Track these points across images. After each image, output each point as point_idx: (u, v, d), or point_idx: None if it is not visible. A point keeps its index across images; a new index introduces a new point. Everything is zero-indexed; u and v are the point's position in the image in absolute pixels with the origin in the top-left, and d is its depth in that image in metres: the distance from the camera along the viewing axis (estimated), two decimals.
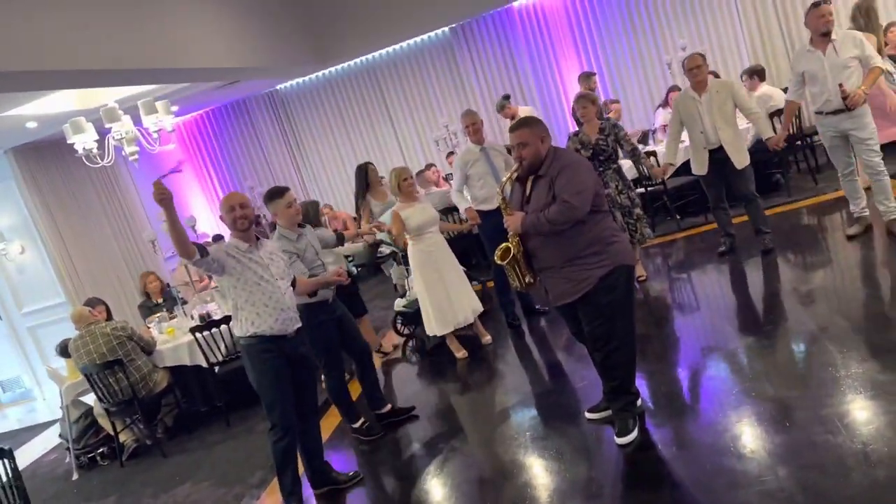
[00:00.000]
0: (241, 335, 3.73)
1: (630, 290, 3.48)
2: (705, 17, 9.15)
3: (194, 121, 11.14)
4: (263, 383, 3.73)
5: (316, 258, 4.45)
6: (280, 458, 3.77)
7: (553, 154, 3.39)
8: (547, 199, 3.32)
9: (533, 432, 4.01)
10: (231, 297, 3.69)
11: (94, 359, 5.36)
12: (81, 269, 8.32)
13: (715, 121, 5.40)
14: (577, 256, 3.34)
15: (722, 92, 5.42)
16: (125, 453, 5.59)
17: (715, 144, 5.46)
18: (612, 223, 3.50)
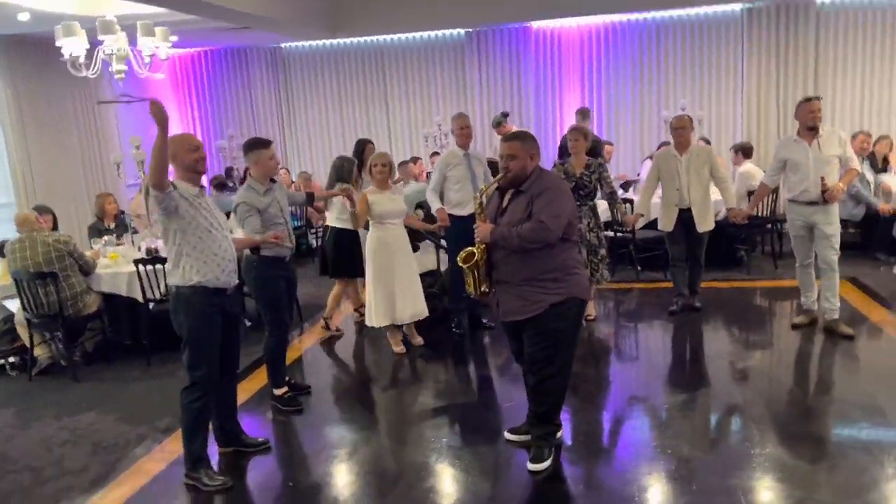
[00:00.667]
0: (180, 283, 3.48)
1: (578, 323, 3.51)
2: (710, 84, 9.34)
3: (190, 57, 10.92)
4: (196, 338, 3.51)
5: (279, 215, 4.38)
6: (194, 418, 3.56)
7: (538, 174, 3.40)
8: (522, 216, 3.32)
9: (449, 440, 4.01)
10: (176, 243, 3.45)
11: (28, 266, 5.20)
12: (38, 175, 8.07)
13: (690, 181, 5.63)
14: (536, 278, 3.35)
15: (702, 156, 5.67)
16: (36, 367, 5.42)
17: (686, 204, 5.68)
18: (577, 255, 3.53)
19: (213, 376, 3.60)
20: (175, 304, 3.53)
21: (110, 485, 3.68)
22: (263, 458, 3.95)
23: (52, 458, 4.03)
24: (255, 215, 4.22)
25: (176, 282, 3.50)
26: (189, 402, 3.54)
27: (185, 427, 3.59)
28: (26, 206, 7.29)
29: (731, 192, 5.74)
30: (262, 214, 4.27)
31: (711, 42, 9.24)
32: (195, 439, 3.59)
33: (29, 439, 4.32)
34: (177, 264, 3.49)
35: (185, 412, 3.56)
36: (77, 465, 3.93)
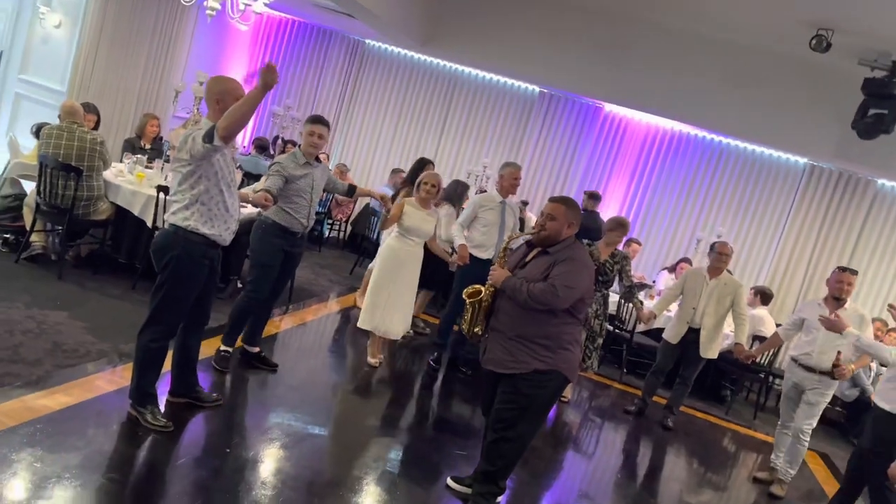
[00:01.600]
0: (180, 225, 3.39)
1: (553, 397, 3.47)
2: (752, 222, 9.39)
3: (279, 21, 11.12)
4: (177, 283, 3.43)
5: (307, 191, 4.43)
6: (150, 358, 3.49)
7: (571, 243, 3.42)
8: (538, 276, 3.33)
9: (391, 464, 3.96)
10: (194, 188, 3.36)
11: (58, 154, 5.23)
12: (98, 75, 8.17)
13: (709, 306, 5.70)
14: (529, 339, 3.33)
15: (729, 286, 5.75)
16: (27, 252, 5.42)
17: (696, 325, 5.76)
18: (578, 335, 3.51)
19: (176, 326, 3.56)
20: (168, 241, 3.43)
21: (56, 387, 3.65)
22: (211, 418, 3.91)
23: (10, 342, 4.00)
24: (280, 178, 4.28)
25: (178, 223, 3.40)
26: (149, 340, 3.46)
27: (139, 363, 3.51)
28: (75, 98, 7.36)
29: (745, 329, 5.77)
30: (291, 183, 4.32)
31: (766, 182, 9.31)
32: (146, 376, 3.53)
33: None
34: (188, 207, 3.39)
35: (142, 350, 3.48)
36: (31, 356, 3.90)
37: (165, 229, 3.48)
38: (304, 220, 4.48)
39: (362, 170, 10.91)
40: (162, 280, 3.46)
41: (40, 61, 8.29)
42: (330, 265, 8.61)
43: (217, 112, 3.35)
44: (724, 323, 5.83)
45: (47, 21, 8.12)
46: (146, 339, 3.47)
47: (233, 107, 3.17)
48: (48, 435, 3.21)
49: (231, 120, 3.15)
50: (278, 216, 4.37)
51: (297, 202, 4.40)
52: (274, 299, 4.74)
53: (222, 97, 3.35)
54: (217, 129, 3.19)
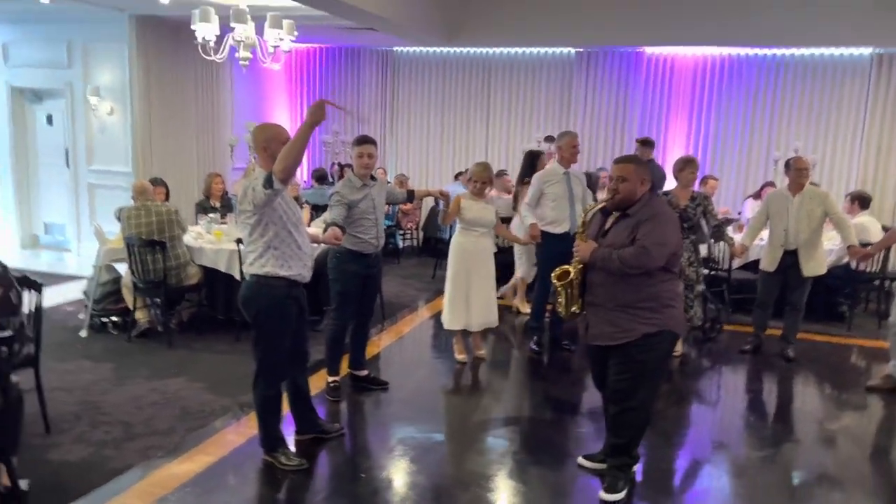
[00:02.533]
0: (263, 273, 3.46)
1: (667, 357, 3.44)
2: (828, 128, 8.94)
3: (307, 52, 11.33)
4: (271, 328, 3.53)
5: (371, 211, 4.50)
6: (268, 404, 3.62)
7: (647, 199, 3.35)
8: (624, 241, 3.28)
9: (515, 454, 3.99)
10: (264, 235, 3.43)
11: (141, 232, 5.51)
12: (157, 148, 8.55)
13: (800, 223, 5.48)
14: (631, 305, 3.29)
15: (815, 199, 5.50)
16: (136, 330, 5.73)
17: (792, 246, 5.53)
18: (677, 288, 3.45)
19: (283, 370, 3.67)
20: (252, 292, 3.52)
21: (192, 450, 3.85)
22: (337, 448, 4.05)
23: (141, 416, 4.25)
24: (343, 206, 4.37)
25: (258, 271, 3.48)
26: (263, 390, 3.59)
27: (260, 413, 3.66)
28: (142, 175, 7.72)
29: (850, 230, 5.48)
30: (353, 208, 4.41)
31: (834, 84, 8.85)
32: (270, 423, 3.67)
33: (122, 395, 4.58)
34: (262, 255, 3.46)
35: (260, 400, 3.61)
36: (164, 425, 4.13)
37: (248, 281, 3.58)
38: (375, 241, 4.55)
39: (420, 174, 10.99)
40: (257, 331, 3.57)
41: (103, 149, 8.74)
42: (412, 274, 8.73)
43: (267, 158, 3.42)
44: (820, 238, 5.56)
45: (100, 111, 8.56)
46: (260, 389, 3.60)
47: (285, 148, 3.24)
48: (197, 495, 3.40)
49: (286, 161, 3.22)
50: (349, 242, 4.45)
51: (363, 224, 4.48)
52: (366, 322, 4.85)
53: (268, 143, 3.43)
54: (275, 173, 3.25)
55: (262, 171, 3.40)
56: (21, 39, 8.82)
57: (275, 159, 3.30)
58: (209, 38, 6.20)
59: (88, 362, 5.16)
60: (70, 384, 4.72)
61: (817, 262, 5.55)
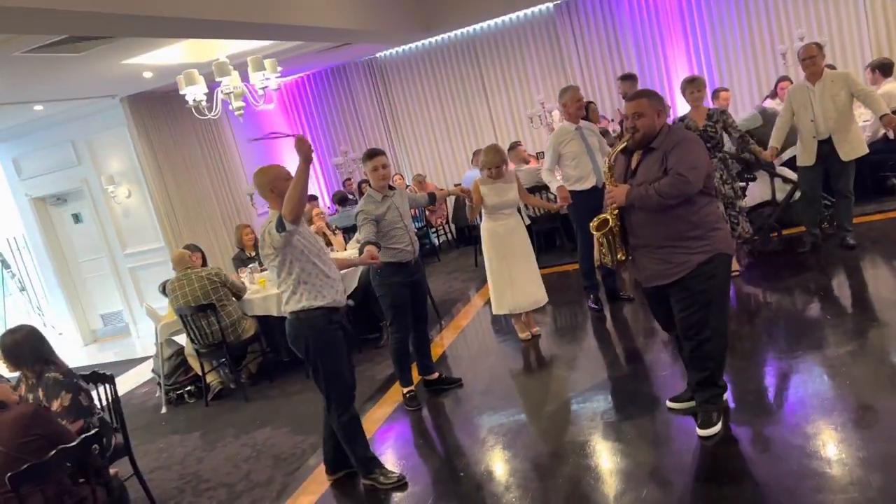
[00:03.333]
0: (300, 308, 3.53)
1: (727, 279, 3.38)
2: (827, 6, 8.66)
3: (295, 83, 11.42)
4: (328, 357, 3.58)
5: (398, 220, 4.52)
6: (350, 431, 3.66)
7: (668, 129, 3.30)
8: (657, 174, 3.22)
9: (605, 415, 3.97)
10: (293, 272, 3.49)
11: (189, 301, 5.64)
12: (181, 216, 8.73)
13: (826, 110, 5.32)
14: (679, 238, 3.24)
15: (837, 82, 5.33)
16: (210, 394, 5.87)
17: (824, 135, 5.39)
18: (718, 209, 3.40)
19: (350, 390, 3.71)
20: (297, 329, 3.59)
21: (295, 493, 3.94)
22: (431, 453, 4.09)
23: (240, 474, 4.36)
24: (371, 223, 4.40)
25: (295, 307, 3.55)
26: (339, 417, 3.64)
27: (345, 440, 3.70)
28: (175, 246, 7.89)
29: (878, 101, 5.29)
30: (381, 221, 4.43)
31: None
32: (357, 446, 3.72)
33: (216, 458, 4.70)
34: (295, 291, 3.52)
35: (341, 429, 3.67)
36: (263, 477, 4.23)
37: (289, 320, 3.64)
38: (411, 248, 4.58)
39: (436, 169, 11.01)
40: (313, 365, 3.63)
41: (132, 232, 8.97)
42: (455, 268, 8.74)
43: (275, 198, 3.49)
44: (852, 119, 5.38)
45: (118, 196, 8.77)
46: (336, 417, 3.66)
47: (289, 190, 3.30)
48: None
49: (292, 202, 3.27)
50: (387, 255, 4.48)
51: (396, 235, 4.50)
52: (423, 327, 4.87)
53: (273, 184, 3.50)
54: (284, 216, 3.32)
55: (274, 212, 3.47)
56: (30, 151, 9.08)
57: (283, 197, 3.36)
58: (199, 99, 6.29)
59: (177, 436, 5.30)
60: (166, 461, 4.86)
61: (853, 144, 5.38)
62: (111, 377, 4.05)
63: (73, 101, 7.80)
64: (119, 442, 3.94)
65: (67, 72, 6.36)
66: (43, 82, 6.56)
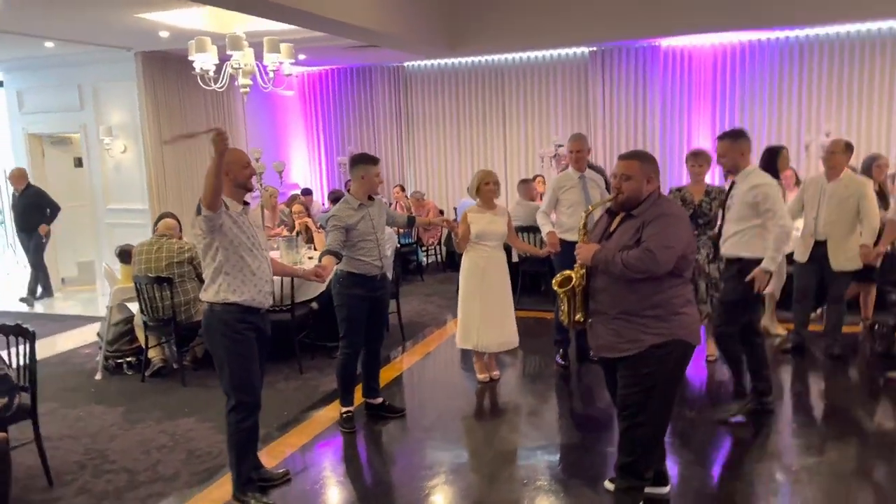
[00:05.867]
0: (214, 301, 3.38)
1: (679, 369, 3.10)
2: (861, 107, 8.49)
3: (318, 74, 11.27)
4: (234, 356, 3.39)
5: (370, 232, 4.30)
6: (244, 439, 3.46)
7: (655, 198, 3.07)
8: (629, 242, 2.99)
9: (544, 481, 3.72)
10: (216, 259, 3.35)
11: (150, 269, 5.41)
12: (171, 182, 8.54)
13: (830, 212, 5.13)
14: (636, 313, 3.00)
15: (851, 186, 5.11)
16: (149, 369, 5.62)
17: (821, 236, 5.19)
18: (689, 293, 3.13)
19: (256, 393, 3.50)
20: (209, 321, 3.44)
21: (196, 496, 3.68)
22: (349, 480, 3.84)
23: (148, 462, 4.10)
24: (340, 231, 4.19)
25: (210, 298, 3.40)
26: (237, 422, 3.43)
27: (235, 448, 3.48)
28: (157, 211, 7.69)
29: (871, 228, 5.05)
30: (352, 230, 4.23)
31: (863, 61, 8.40)
32: (245, 460, 3.50)
33: (130, 440, 4.43)
34: (213, 280, 3.39)
35: (235, 433, 3.45)
36: (169, 471, 3.97)
37: (204, 309, 3.48)
38: (378, 262, 4.35)
39: (438, 190, 10.82)
40: (220, 360, 3.44)
41: (119, 188, 8.77)
42: (435, 291, 8.51)
43: (228, 183, 3.37)
44: (852, 228, 5.13)
45: (113, 150, 8.58)
46: (234, 421, 3.44)
47: (205, 179, 3.19)
48: None
49: (204, 190, 3.20)
50: (351, 266, 4.28)
51: (364, 247, 4.28)
52: (377, 347, 4.63)
53: (229, 168, 3.35)
54: (201, 201, 3.24)
55: None
56: (35, 87, 8.92)
57: (235, 184, 3.37)
58: (207, 68, 6.12)
59: (100, 407, 5.04)
60: (79, 431, 4.60)
61: (847, 255, 5.12)
62: (32, 334, 3.80)
63: (85, 46, 7.63)
64: (25, 404, 3.69)
65: (82, 14, 6.20)
66: (56, 19, 6.39)
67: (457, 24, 8.52)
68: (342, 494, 3.73)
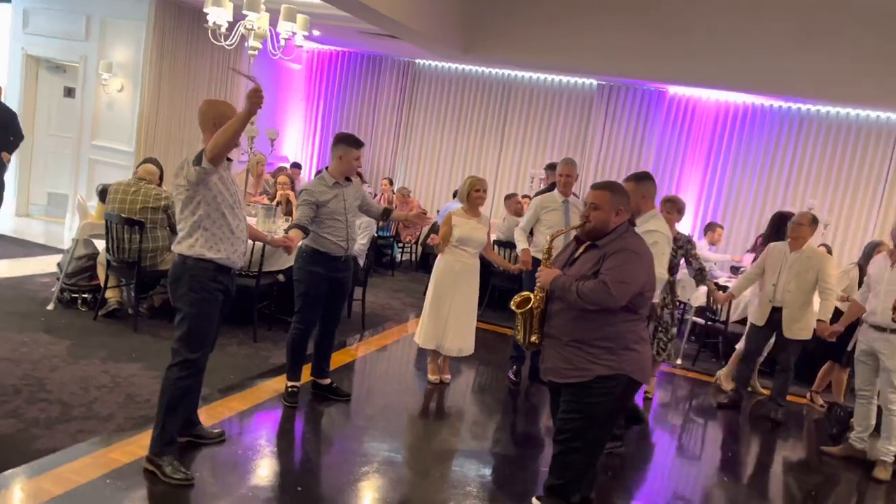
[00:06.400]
0: (189, 254, 3.28)
1: (621, 403, 3.13)
2: (847, 192, 8.70)
3: (329, 54, 11.26)
4: (197, 314, 3.30)
5: (340, 212, 4.26)
6: (179, 397, 3.32)
7: (621, 232, 3.08)
8: (588, 272, 3.01)
9: (474, 488, 3.74)
10: (196, 213, 3.25)
11: (123, 209, 5.35)
12: (161, 130, 8.46)
13: (789, 281, 5.27)
14: (587, 343, 3.02)
15: (813, 259, 5.26)
16: (104, 309, 5.55)
17: (778, 303, 5.33)
18: (643, 331, 3.14)
19: (206, 357, 3.41)
20: (179, 273, 3.32)
21: (127, 439, 3.64)
22: (281, 453, 3.83)
23: (84, 398, 4.04)
24: (310, 206, 4.17)
25: (184, 251, 3.30)
26: (178, 378, 3.31)
27: (167, 404, 3.31)
28: (142, 155, 7.61)
29: (829, 304, 5.20)
30: (322, 207, 4.20)
31: (857, 146, 8.62)
32: (172, 418, 3.34)
33: (70, 374, 4.37)
34: (190, 234, 3.29)
35: (171, 388, 3.31)
36: (105, 411, 3.92)
37: (175, 261, 3.36)
38: (343, 244, 4.32)
39: (427, 189, 10.85)
40: (182, 314, 3.34)
41: (108, 126, 8.65)
42: (404, 288, 8.52)
43: (212, 135, 3.23)
44: (810, 301, 5.29)
45: (110, 87, 8.48)
46: (174, 376, 3.32)
47: (220, 130, 3.09)
48: (116, 489, 3.18)
49: (217, 142, 3.07)
50: (316, 242, 4.26)
51: (332, 226, 4.25)
52: (332, 328, 4.61)
53: (219, 120, 3.21)
54: (205, 153, 3.10)
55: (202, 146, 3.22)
56: (42, 8, 8.79)
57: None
58: (220, 24, 6.08)
59: (47, 336, 4.97)
60: (21, 357, 4.52)
61: (801, 325, 5.28)
62: None
63: None
64: None
65: None
66: None
67: (475, 29, 8.60)
68: (270, 466, 3.71)
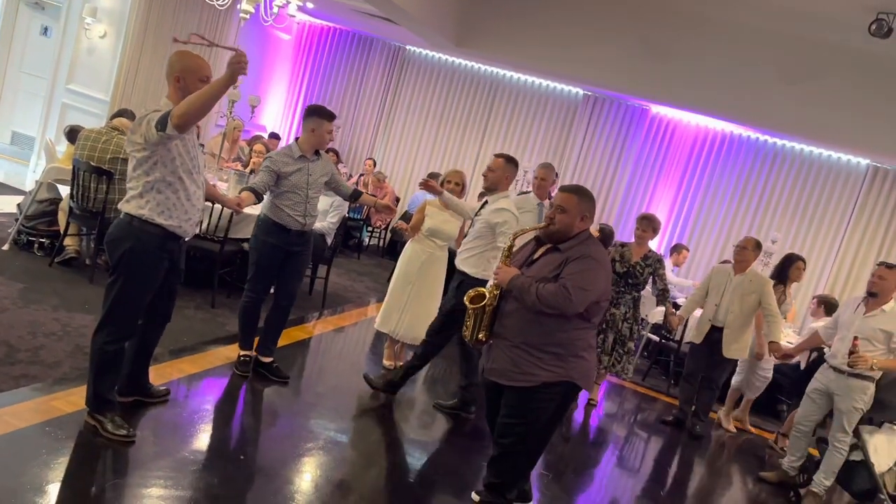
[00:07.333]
0: (134, 214, 3.08)
1: (564, 408, 3.16)
2: (811, 227, 8.93)
3: (320, 28, 11.15)
4: (134, 281, 3.13)
5: (302, 186, 4.15)
6: (107, 361, 3.18)
7: (584, 238, 3.10)
8: (548, 275, 3.02)
9: (414, 476, 3.77)
10: (150, 175, 3.04)
11: (93, 157, 5.24)
12: (139, 84, 8.28)
13: (731, 303, 5.39)
14: (537, 347, 3.03)
15: (755, 283, 5.39)
16: (61, 256, 5.44)
17: (719, 323, 5.45)
18: (592, 339, 3.17)
19: (134, 325, 3.27)
20: (122, 233, 3.11)
21: (70, 389, 3.57)
22: (226, 420, 3.80)
23: (32, 343, 3.96)
24: (270, 174, 4.08)
25: (132, 211, 3.09)
26: (105, 342, 3.17)
27: (95, 368, 3.20)
28: (117, 106, 7.44)
29: (778, 326, 5.31)
30: (283, 179, 4.12)
31: (825, 186, 8.84)
32: (103, 381, 3.21)
33: (20, 317, 4.28)
34: (142, 195, 3.07)
35: (97, 353, 3.17)
36: (52, 358, 3.85)
37: (119, 219, 3.15)
38: (301, 218, 4.20)
39: (403, 176, 10.82)
40: (116, 275, 3.14)
41: (85, 71, 8.43)
42: (368, 272, 8.50)
43: (177, 91, 3.07)
44: (749, 323, 5.43)
45: (92, 32, 8.26)
46: (101, 340, 3.17)
47: (193, 95, 2.90)
48: (55, 438, 3.12)
49: (188, 108, 2.86)
50: (272, 212, 4.18)
51: (291, 199, 4.15)
52: (285, 302, 4.45)
53: (184, 75, 3.06)
54: (171, 117, 2.89)
55: (167, 103, 3.06)
56: None
57: (185, 95, 2.96)
58: None
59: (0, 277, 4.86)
60: None
61: (739, 345, 5.44)
62: None
63: None
64: None
65: None
66: None
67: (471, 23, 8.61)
68: (213, 432, 3.68)
